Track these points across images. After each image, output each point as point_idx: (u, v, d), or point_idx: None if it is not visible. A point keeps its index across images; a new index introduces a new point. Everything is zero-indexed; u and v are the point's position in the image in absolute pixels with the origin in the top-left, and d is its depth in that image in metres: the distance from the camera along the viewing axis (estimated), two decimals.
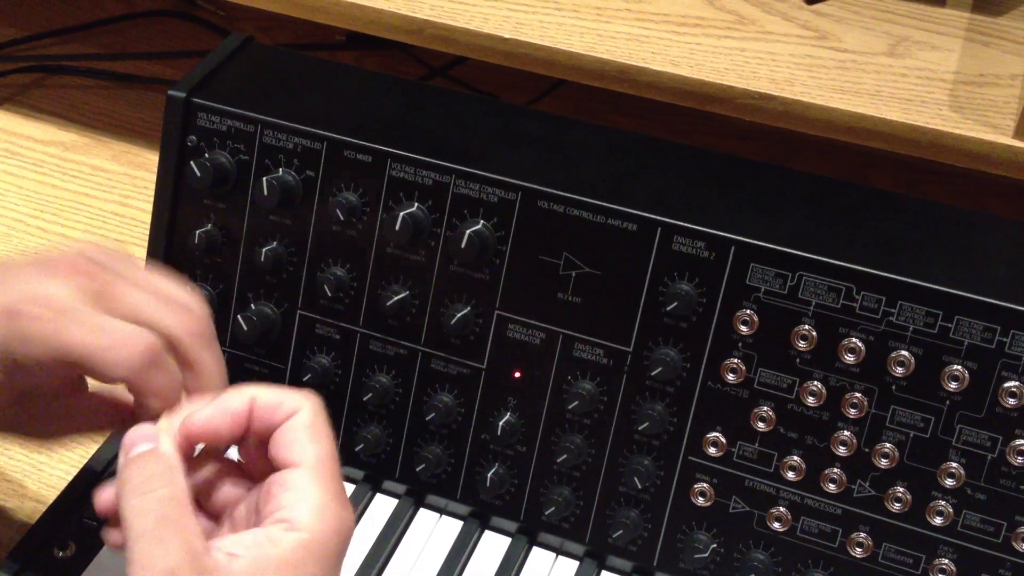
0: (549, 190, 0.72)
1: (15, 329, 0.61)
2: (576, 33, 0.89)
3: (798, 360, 0.70)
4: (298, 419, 0.61)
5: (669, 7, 0.92)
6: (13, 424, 0.67)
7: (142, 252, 0.82)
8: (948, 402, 0.68)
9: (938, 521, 0.69)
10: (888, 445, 0.69)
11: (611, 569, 0.75)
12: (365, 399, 0.77)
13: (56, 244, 1.00)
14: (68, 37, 1.20)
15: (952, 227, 0.74)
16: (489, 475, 0.75)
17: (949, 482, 0.68)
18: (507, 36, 0.89)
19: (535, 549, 0.77)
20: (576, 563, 0.76)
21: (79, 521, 0.76)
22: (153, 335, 0.62)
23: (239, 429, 0.62)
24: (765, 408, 0.70)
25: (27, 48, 1.19)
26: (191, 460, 0.63)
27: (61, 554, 0.74)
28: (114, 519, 0.61)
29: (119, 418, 0.68)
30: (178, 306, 0.65)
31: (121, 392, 0.67)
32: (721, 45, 0.89)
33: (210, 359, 0.65)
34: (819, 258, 0.68)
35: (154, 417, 0.63)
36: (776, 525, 0.72)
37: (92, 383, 0.68)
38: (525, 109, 0.97)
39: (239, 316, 0.78)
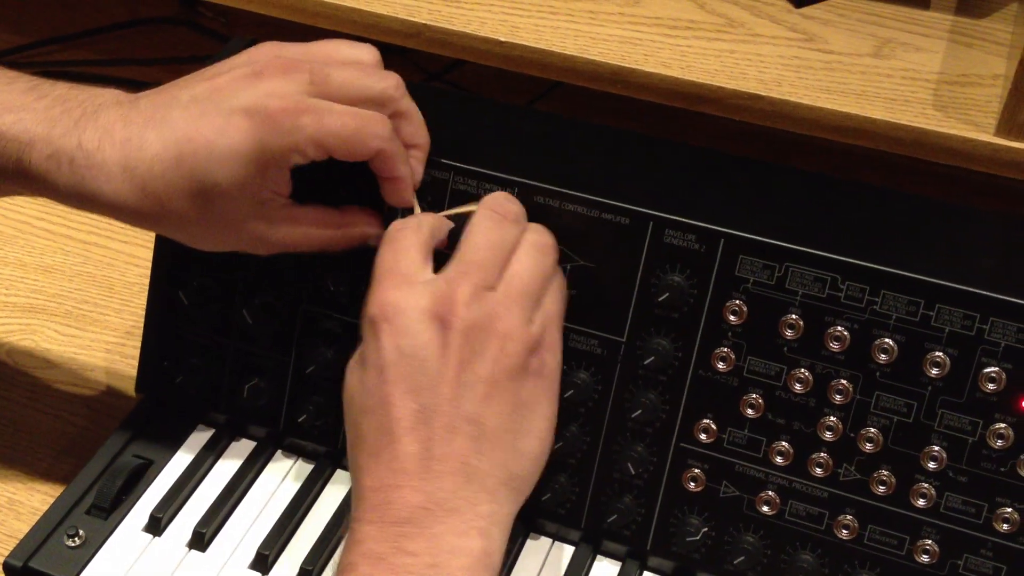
0: (545, 185, 0.74)
1: (270, 125, 0.67)
2: (570, 36, 0.91)
3: (785, 348, 0.72)
4: None
5: (661, 11, 0.94)
6: (245, 235, 0.72)
7: (148, 252, 0.84)
8: (930, 388, 0.70)
9: (921, 503, 0.71)
10: (872, 430, 0.71)
11: (606, 553, 0.77)
12: None
13: (62, 249, 1.02)
14: (71, 44, 1.22)
15: (933, 220, 0.77)
16: None
17: (932, 465, 0.71)
18: (503, 39, 0.91)
19: (532, 535, 0.78)
20: (572, 548, 0.78)
21: (88, 511, 0.78)
22: (385, 117, 0.71)
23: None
24: (754, 395, 0.73)
25: (30, 55, 1.20)
26: None
27: (70, 543, 0.76)
28: None
29: (332, 235, 0.74)
30: (374, 71, 0.72)
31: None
32: (711, 47, 0.91)
33: (414, 107, 0.74)
34: (805, 250, 0.71)
35: (402, 187, 0.73)
36: (765, 509, 0.74)
37: None
38: (521, 108, 0.99)
39: (244, 310, 0.80)
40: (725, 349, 0.73)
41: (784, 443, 0.73)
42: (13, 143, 0.70)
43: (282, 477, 0.81)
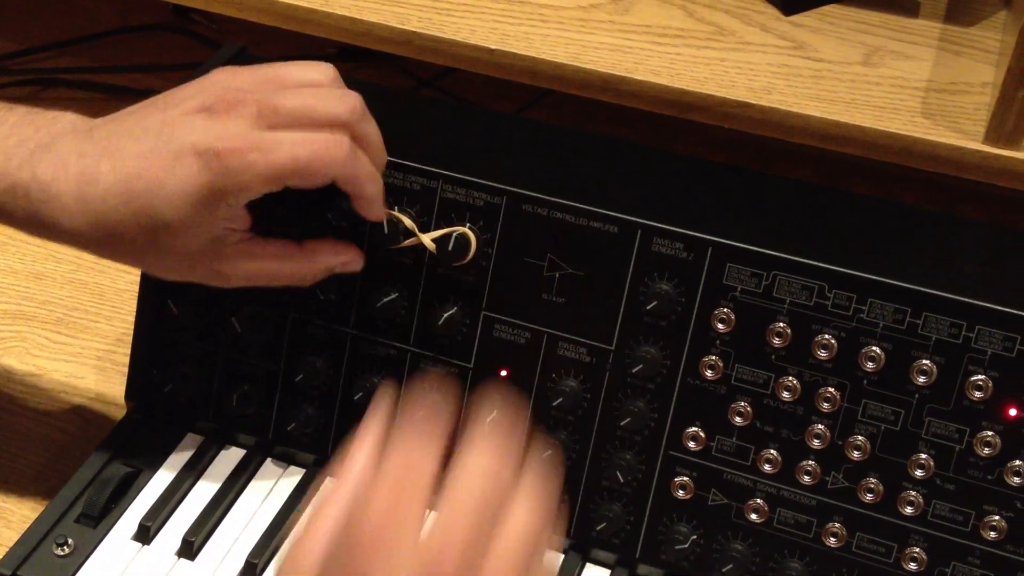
0: (533, 194, 0.74)
1: (219, 165, 0.67)
2: (561, 44, 0.92)
3: (773, 356, 0.72)
4: None
5: (651, 19, 0.94)
6: (202, 269, 0.72)
7: None
8: (917, 396, 0.70)
9: (909, 511, 0.71)
10: (860, 438, 0.71)
11: (595, 561, 0.78)
12: (356, 398, 0.79)
13: (53, 256, 1.02)
14: (63, 50, 1.21)
15: (920, 228, 0.77)
16: None
17: (919, 473, 0.71)
18: (493, 47, 0.91)
19: None
20: (561, 556, 0.78)
21: (77, 519, 0.78)
22: (340, 132, 0.69)
23: None
24: (742, 403, 0.73)
25: (22, 61, 1.20)
26: None
27: (59, 551, 0.76)
28: None
29: (295, 268, 0.74)
30: (328, 95, 0.70)
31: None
32: (701, 55, 0.92)
33: (373, 129, 0.72)
34: (792, 258, 0.71)
35: (367, 205, 0.72)
36: (753, 516, 0.74)
37: None
38: (510, 116, 0.99)
39: (233, 318, 0.80)
40: (713, 357, 0.73)
41: (772, 451, 0.73)
42: None
43: (271, 485, 0.81)
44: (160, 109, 0.70)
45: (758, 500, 0.74)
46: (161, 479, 0.80)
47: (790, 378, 0.72)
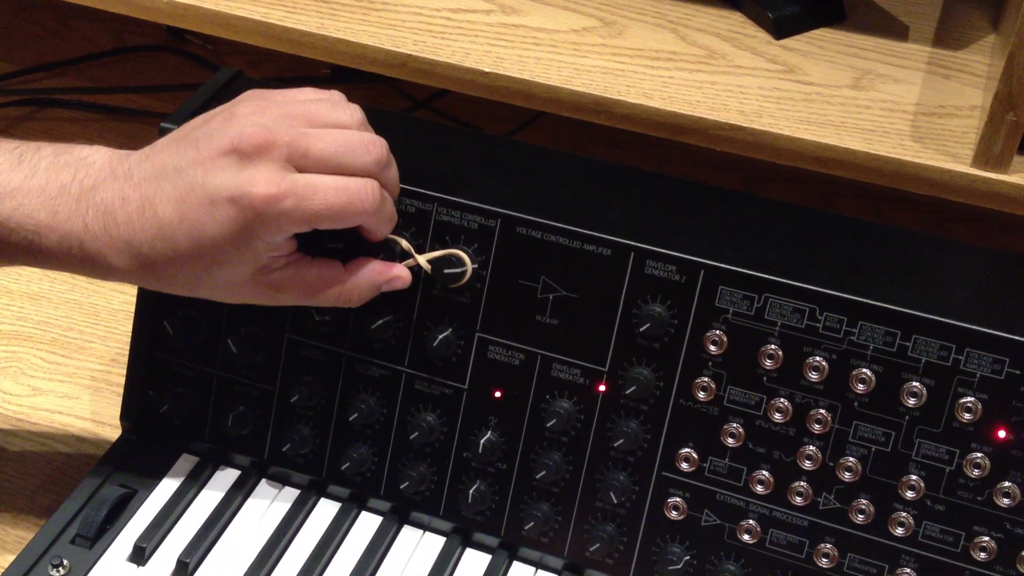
0: (527, 217, 0.75)
1: (254, 212, 0.69)
2: (554, 67, 0.92)
3: (765, 378, 0.73)
4: None
5: (643, 42, 0.95)
6: (253, 293, 0.74)
7: None
8: (907, 417, 0.71)
9: (900, 532, 0.72)
10: (851, 459, 0.72)
11: None
12: (351, 419, 0.79)
13: (48, 276, 1.02)
14: (59, 71, 1.22)
15: (909, 251, 0.78)
16: (471, 492, 0.78)
17: (910, 494, 0.71)
18: (487, 70, 0.92)
19: (515, 563, 0.79)
20: None
21: (72, 540, 0.78)
22: (371, 181, 0.72)
23: None
24: (734, 424, 0.74)
25: (19, 82, 1.21)
26: None
27: (55, 573, 0.76)
28: None
29: (343, 288, 0.75)
30: (358, 142, 0.72)
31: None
32: (693, 79, 0.92)
33: (393, 173, 0.75)
34: (784, 281, 0.72)
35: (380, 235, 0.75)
36: (746, 537, 0.75)
37: None
38: (504, 139, 1.00)
39: (229, 340, 0.80)
40: (706, 379, 0.73)
41: (764, 472, 0.74)
42: (19, 230, 0.71)
43: (266, 506, 0.81)
44: (192, 146, 0.71)
45: (751, 521, 0.74)
46: (156, 500, 0.80)
47: (782, 400, 0.72)
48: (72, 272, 0.74)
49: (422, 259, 0.76)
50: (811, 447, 0.72)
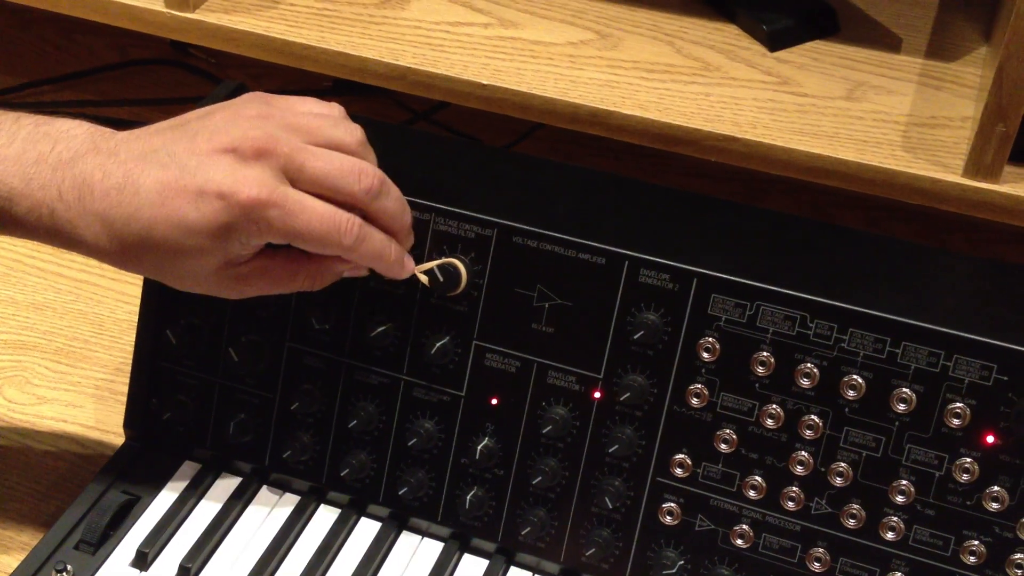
0: (523, 226, 0.76)
1: (239, 211, 0.70)
2: (551, 79, 0.94)
3: (757, 385, 0.74)
4: None
5: (638, 54, 0.96)
6: (217, 284, 0.74)
7: (137, 290, 0.85)
8: (897, 423, 0.72)
9: (890, 536, 0.73)
10: (842, 464, 0.73)
11: None
12: (350, 426, 0.80)
13: (53, 286, 1.03)
14: (63, 84, 1.23)
15: (899, 260, 0.79)
16: (468, 498, 0.79)
17: (900, 499, 0.72)
18: (485, 82, 0.93)
19: (513, 568, 0.80)
20: None
21: (76, 546, 0.79)
22: (356, 218, 0.72)
23: None
24: (727, 431, 0.75)
25: (23, 95, 1.22)
26: None
27: None
28: None
29: (305, 277, 0.75)
30: (352, 168, 0.72)
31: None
32: (688, 90, 0.94)
33: (389, 204, 0.74)
34: (776, 289, 0.73)
35: (385, 270, 0.76)
36: (739, 542, 0.76)
37: None
38: (500, 151, 1.01)
39: (231, 348, 0.82)
40: (699, 385, 0.75)
41: (757, 477, 0.75)
42: None
43: (267, 512, 0.83)
44: (188, 137, 0.72)
45: (744, 526, 0.75)
46: (159, 506, 0.81)
47: (774, 406, 0.74)
48: (41, 242, 0.73)
49: (418, 270, 0.77)
50: (803, 453, 0.74)
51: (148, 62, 1.26)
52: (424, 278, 0.77)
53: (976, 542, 0.72)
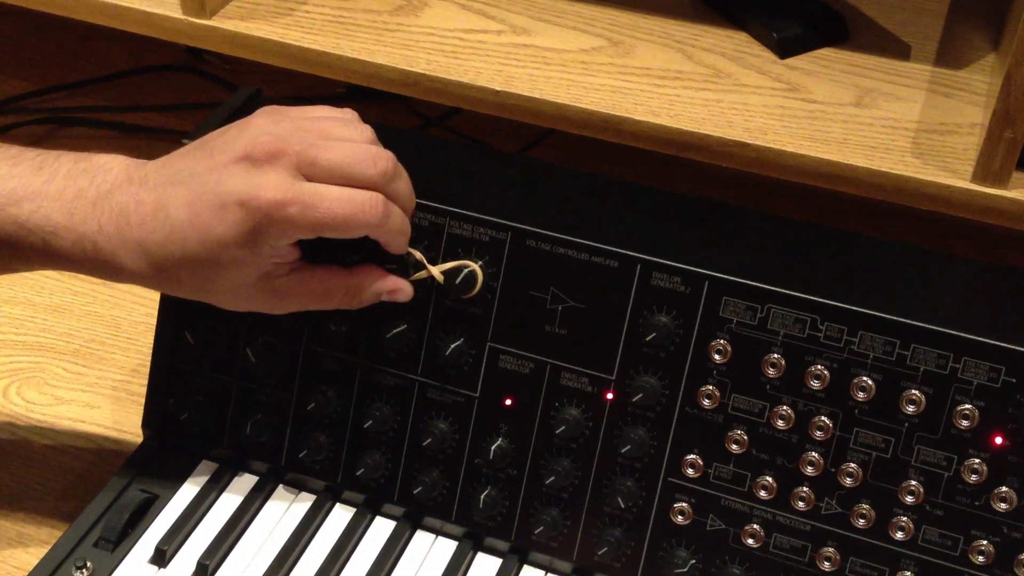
0: (537, 230, 0.77)
1: (262, 215, 0.71)
2: (563, 86, 0.94)
3: (768, 387, 0.75)
4: None
5: (650, 61, 0.97)
6: (258, 299, 0.76)
7: (153, 293, 0.86)
8: (907, 424, 0.73)
9: (900, 536, 0.74)
10: (852, 465, 0.74)
11: None
12: (365, 426, 0.81)
13: (70, 289, 1.05)
14: (79, 90, 1.25)
15: (908, 264, 0.80)
16: (482, 497, 0.80)
17: (909, 499, 0.73)
18: (498, 88, 0.94)
19: (526, 567, 0.81)
20: None
21: (95, 543, 0.80)
22: (377, 195, 0.74)
23: None
24: (738, 431, 0.75)
25: (41, 101, 1.23)
26: None
27: (78, 574, 0.78)
28: None
29: (344, 295, 0.78)
30: (365, 154, 0.74)
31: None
32: (699, 97, 0.94)
33: (403, 186, 0.77)
34: (786, 292, 0.74)
35: (395, 247, 0.77)
36: (750, 541, 0.76)
37: None
38: (514, 156, 1.02)
39: (248, 349, 0.83)
40: (710, 387, 0.75)
41: (768, 478, 0.76)
42: (37, 232, 0.74)
43: (283, 510, 0.83)
44: (207, 154, 0.74)
45: (754, 525, 0.76)
46: (177, 504, 0.82)
47: (784, 407, 0.74)
48: (86, 273, 0.76)
49: (435, 270, 0.78)
50: (813, 453, 0.74)
51: (163, 68, 1.27)
52: (440, 277, 0.78)
53: (985, 542, 0.72)
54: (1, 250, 0.75)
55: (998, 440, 0.72)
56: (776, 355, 0.74)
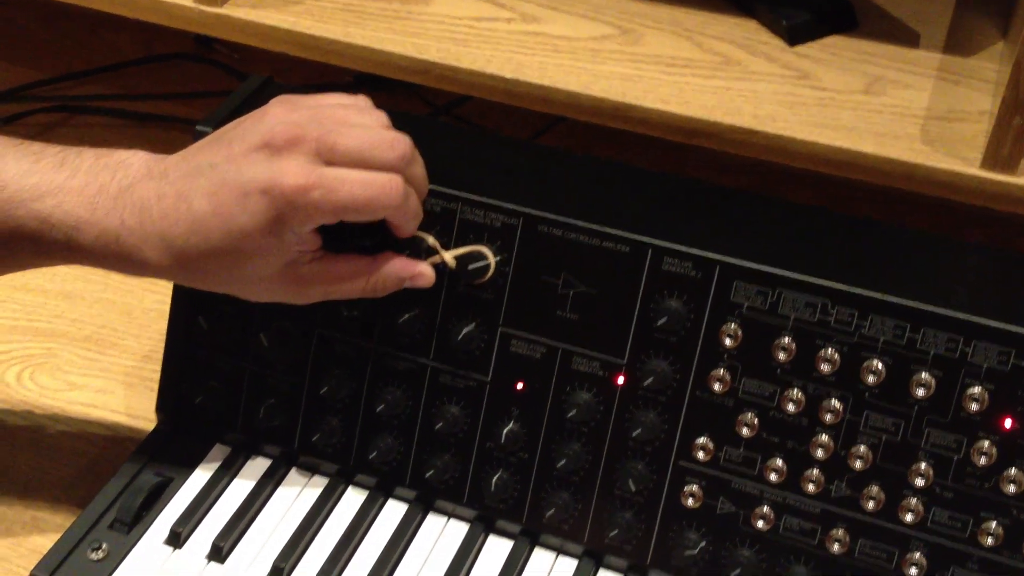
0: (549, 215, 0.78)
1: (284, 201, 0.72)
2: (573, 73, 0.95)
3: (778, 370, 0.75)
4: None
5: (660, 49, 0.98)
6: (282, 289, 0.77)
7: (165, 280, 0.87)
8: (916, 408, 0.73)
9: (909, 518, 0.74)
10: (862, 448, 0.74)
11: (608, 567, 0.80)
12: (378, 410, 0.82)
13: (83, 276, 1.05)
14: (90, 79, 1.25)
15: (918, 249, 0.80)
16: (494, 480, 0.81)
17: (919, 482, 0.74)
18: (508, 76, 0.94)
19: (537, 549, 0.82)
20: (575, 562, 0.81)
21: (111, 525, 0.81)
22: (397, 176, 0.75)
23: None
24: (749, 415, 0.76)
25: (51, 89, 1.24)
26: None
27: (94, 556, 0.79)
28: None
29: (367, 282, 0.78)
30: (382, 139, 0.75)
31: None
32: (708, 84, 0.95)
33: (419, 169, 0.78)
34: (797, 276, 0.74)
35: (407, 230, 0.78)
36: (760, 524, 0.77)
37: None
38: (526, 142, 1.02)
39: (261, 334, 0.83)
40: (721, 371, 0.76)
41: (778, 461, 0.76)
42: (60, 227, 0.74)
43: (297, 493, 0.84)
44: (226, 145, 0.75)
45: (764, 508, 0.77)
46: (191, 487, 0.83)
47: (795, 391, 0.75)
48: (109, 268, 0.77)
49: (448, 255, 0.78)
50: (823, 437, 0.75)
51: (172, 57, 1.27)
52: (453, 263, 0.78)
53: (994, 524, 0.73)
54: (24, 246, 0.75)
55: (1007, 423, 0.72)
56: (787, 339, 0.74)
